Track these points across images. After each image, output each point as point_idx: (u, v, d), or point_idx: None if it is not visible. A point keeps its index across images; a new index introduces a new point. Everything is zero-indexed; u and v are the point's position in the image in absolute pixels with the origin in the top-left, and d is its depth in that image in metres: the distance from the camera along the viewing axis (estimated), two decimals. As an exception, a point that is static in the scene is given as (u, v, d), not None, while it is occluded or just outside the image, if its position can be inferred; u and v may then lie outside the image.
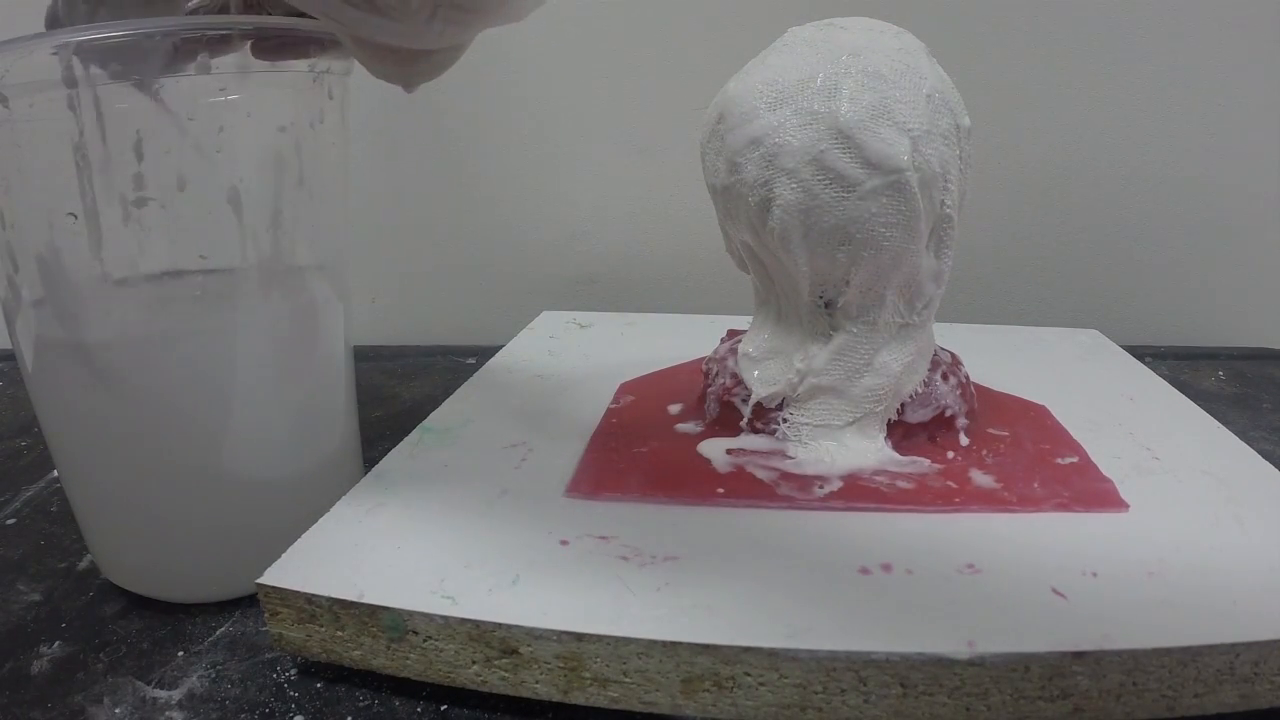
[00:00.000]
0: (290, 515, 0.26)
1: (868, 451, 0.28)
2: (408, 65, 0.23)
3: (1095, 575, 0.22)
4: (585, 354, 0.41)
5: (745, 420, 0.30)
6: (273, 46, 0.24)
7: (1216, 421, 0.32)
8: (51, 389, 0.25)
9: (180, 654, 0.24)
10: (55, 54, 0.21)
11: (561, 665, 0.21)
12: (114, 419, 0.25)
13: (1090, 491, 0.26)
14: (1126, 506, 0.26)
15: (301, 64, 0.25)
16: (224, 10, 0.25)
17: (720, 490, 0.27)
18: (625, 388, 0.36)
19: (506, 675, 0.21)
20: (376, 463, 0.30)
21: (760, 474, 0.27)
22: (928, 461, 0.28)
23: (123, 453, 0.25)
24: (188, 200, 0.24)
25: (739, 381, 0.30)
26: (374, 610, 0.22)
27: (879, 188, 0.25)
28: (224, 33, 0.23)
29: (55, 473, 0.35)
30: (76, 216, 0.23)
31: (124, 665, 0.24)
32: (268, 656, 0.24)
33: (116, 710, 0.22)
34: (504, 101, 0.52)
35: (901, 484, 0.27)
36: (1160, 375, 0.37)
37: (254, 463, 0.26)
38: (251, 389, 0.26)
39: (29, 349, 0.25)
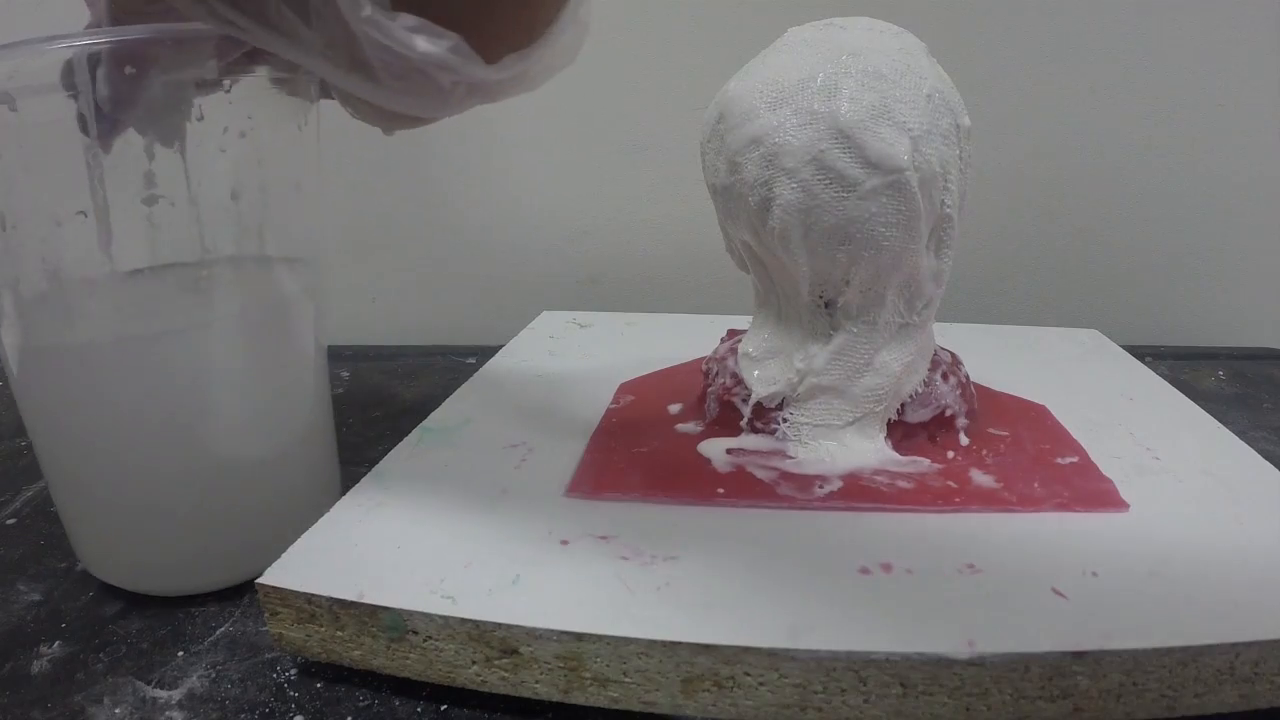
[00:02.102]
0: (260, 511, 0.27)
1: (868, 451, 0.28)
2: (401, 123, 0.23)
3: (1095, 575, 0.22)
4: (585, 354, 0.41)
5: (745, 420, 0.30)
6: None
7: (1216, 421, 0.32)
8: (38, 390, 0.25)
9: (180, 654, 0.24)
10: (66, 58, 0.21)
11: (561, 665, 0.21)
12: (96, 416, 0.25)
13: (1090, 491, 0.26)
14: (1126, 506, 0.26)
15: (282, 69, 0.25)
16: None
17: (720, 490, 0.27)
18: (625, 388, 0.36)
19: (506, 675, 0.21)
20: (376, 463, 0.30)
21: (760, 474, 0.27)
22: (928, 461, 0.28)
23: (103, 448, 0.25)
24: (176, 201, 0.24)
25: (739, 381, 0.30)
26: (374, 610, 0.22)
27: (879, 187, 0.25)
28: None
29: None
30: (86, 215, 0.23)
31: (124, 665, 0.24)
32: (268, 656, 0.24)
33: (116, 710, 0.22)
34: (504, 101, 0.51)
35: (901, 484, 0.27)
36: (1160, 375, 0.37)
37: (227, 456, 0.26)
38: (224, 384, 0.26)
39: (14, 352, 0.25)
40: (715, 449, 0.29)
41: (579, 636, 0.20)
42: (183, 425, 0.25)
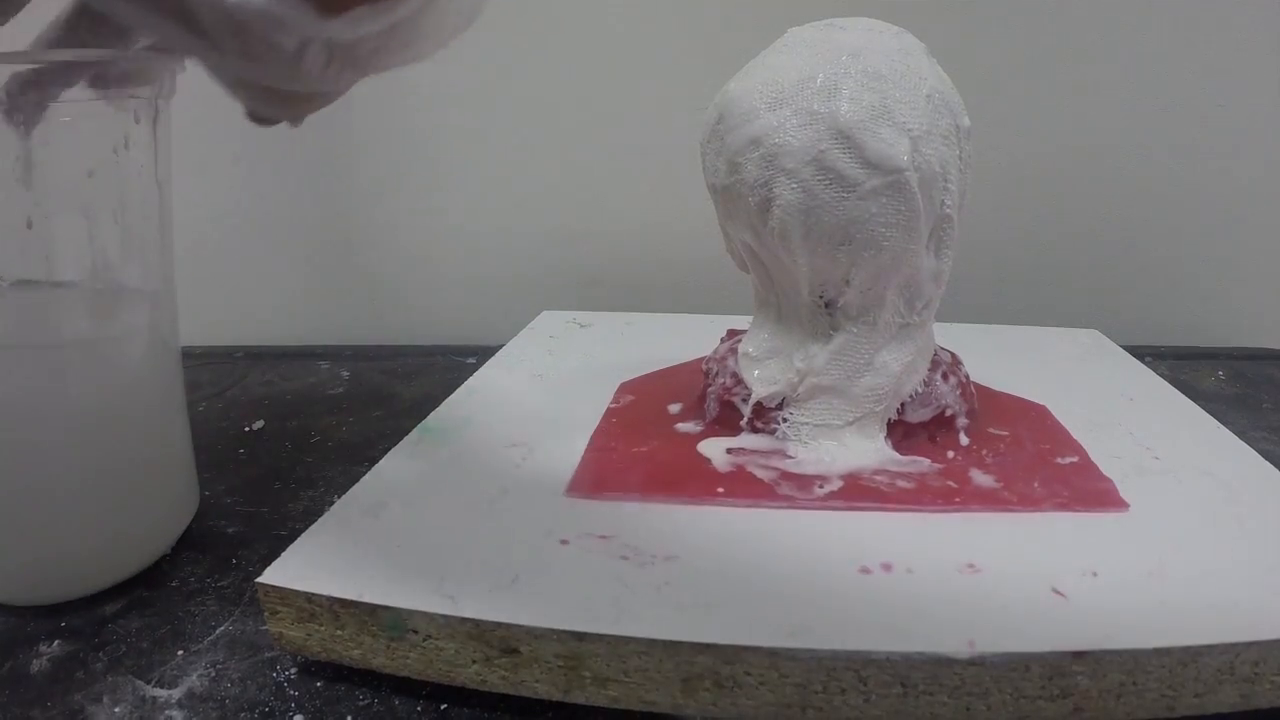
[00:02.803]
0: (101, 531, 0.26)
1: (868, 451, 0.28)
2: (295, 107, 0.22)
3: (1095, 575, 0.22)
4: (585, 354, 0.41)
5: (745, 420, 0.30)
6: (115, 78, 0.23)
7: (1216, 421, 0.32)
8: None
9: (180, 653, 0.24)
10: None
11: (561, 665, 0.21)
12: None
13: (1090, 491, 0.26)
14: (1126, 506, 0.26)
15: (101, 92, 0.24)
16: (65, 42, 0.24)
17: (720, 490, 0.27)
18: (625, 388, 0.36)
19: (506, 674, 0.21)
20: (376, 463, 0.30)
21: (760, 474, 0.27)
22: (928, 461, 0.28)
23: None
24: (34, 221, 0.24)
25: (739, 381, 0.30)
26: (374, 609, 0.22)
27: (879, 188, 0.25)
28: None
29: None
30: None
31: (124, 664, 0.24)
32: (267, 656, 0.24)
33: (116, 710, 0.22)
34: (504, 101, 0.52)
35: (901, 484, 0.27)
36: (1160, 375, 0.37)
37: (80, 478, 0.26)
38: (70, 406, 0.25)
39: None
40: (715, 449, 0.29)
41: (579, 636, 0.20)
42: (35, 451, 0.25)
